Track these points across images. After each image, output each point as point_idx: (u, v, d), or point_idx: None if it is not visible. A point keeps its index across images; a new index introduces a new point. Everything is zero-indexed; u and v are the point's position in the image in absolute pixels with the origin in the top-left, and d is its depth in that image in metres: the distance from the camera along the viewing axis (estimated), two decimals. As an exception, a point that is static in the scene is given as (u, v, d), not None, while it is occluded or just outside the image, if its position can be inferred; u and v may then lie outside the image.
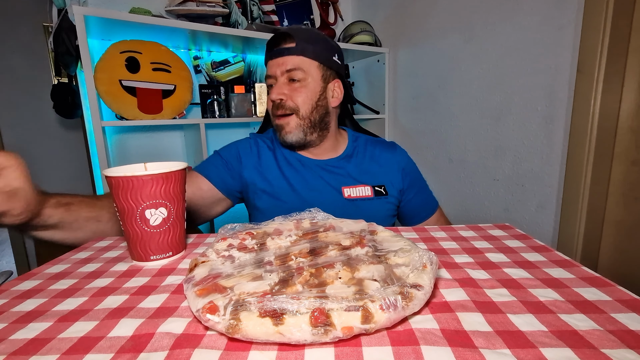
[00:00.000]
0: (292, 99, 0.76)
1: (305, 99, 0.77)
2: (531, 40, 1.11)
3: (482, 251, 0.48)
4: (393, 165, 0.85)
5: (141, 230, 0.47)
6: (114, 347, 0.29)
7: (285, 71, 0.76)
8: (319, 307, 0.29)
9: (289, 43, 0.76)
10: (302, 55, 0.76)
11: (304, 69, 0.76)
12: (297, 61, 0.76)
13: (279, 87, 0.76)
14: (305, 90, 0.77)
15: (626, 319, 0.31)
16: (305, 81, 0.77)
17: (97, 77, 1.17)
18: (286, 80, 0.77)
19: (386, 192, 0.81)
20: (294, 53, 0.75)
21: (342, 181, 0.81)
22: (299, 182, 0.80)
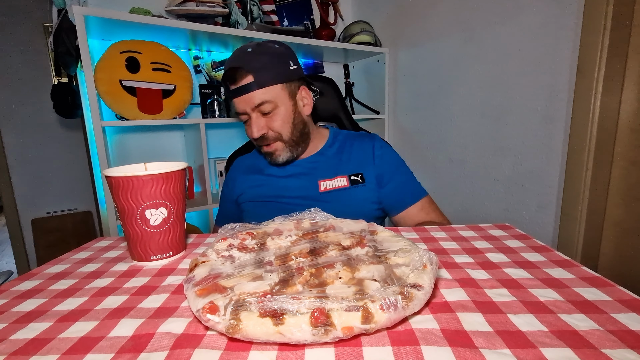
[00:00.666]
0: (271, 129, 0.78)
1: (282, 124, 0.78)
2: (531, 40, 1.11)
3: (482, 251, 0.48)
4: (368, 153, 0.84)
5: (141, 230, 0.47)
6: (114, 347, 0.29)
7: (255, 107, 0.76)
8: (319, 307, 0.29)
9: (245, 78, 0.74)
10: (263, 87, 0.75)
11: (270, 100, 0.76)
12: (261, 95, 0.75)
13: (255, 124, 0.77)
14: (280, 117, 0.78)
15: (626, 319, 0.31)
16: (277, 109, 0.77)
17: (97, 77, 1.17)
18: (259, 114, 0.77)
19: (363, 180, 0.81)
20: (255, 88, 0.74)
21: (319, 175, 0.83)
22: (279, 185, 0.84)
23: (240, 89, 0.75)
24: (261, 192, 0.85)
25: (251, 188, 0.87)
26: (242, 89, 0.75)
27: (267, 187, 0.85)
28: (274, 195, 0.84)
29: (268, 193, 0.85)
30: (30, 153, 2.24)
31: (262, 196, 0.85)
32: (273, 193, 0.84)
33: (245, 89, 0.75)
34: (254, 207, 0.86)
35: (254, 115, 0.77)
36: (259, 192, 0.86)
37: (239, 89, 0.75)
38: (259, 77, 0.74)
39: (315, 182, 0.82)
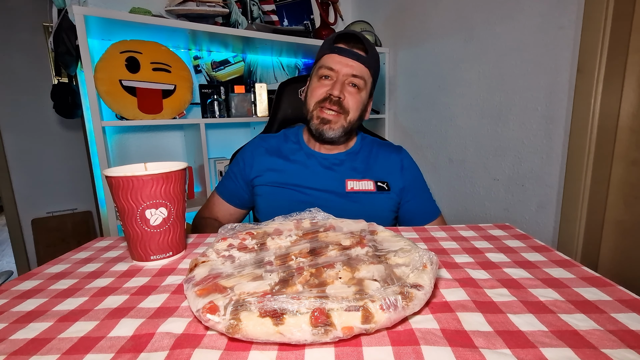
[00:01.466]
0: (347, 101, 0.79)
1: (357, 105, 0.80)
2: (531, 40, 1.11)
3: (482, 251, 0.48)
4: (396, 164, 0.86)
5: (141, 230, 0.47)
6: (114, 347, 0.29)
7: (351, 74, 0.77)
8: (319, 307, 0.29)
9: (361, 50, 0.78)
10: (368, 68, 0.79)
11: (365, 80, 0.79)
12: (363, 71, 0.78)
13: (340, 85, 0.77)
14: (359, 98, 0.80)
15: (626, 319, 0.31)
16: (362, 91, 0.80)
17: (97, 77, 1.17)
18: (347, 82, 0.78)
19: (389, 188, 0.82)
20: (365, 63, 0.78)
21: (346, 174, 0.82)
22: (304, 174, 0.82)
23: (355, 54, 0.77)
24: (283, 178, 0.82)
25: (272, 171, 0.83)
26: (356, 55, 0.77)
27: (291, 174, 0.82)
28: (296, 185, 0.81)
29: (291, 180, 0.81)
30: (30, 153, 2.24)
31: (283, 183, 0.81)
32: (296, 182, 0.81)
33: (357, 55, 0.77)
34: (272, 192, 0.82)
35: (341, 78, 0.78)
36: (281, 178, 0.82)
37: (354, 53, 0.77)
38: (370, 59, 0.79)
39: (342, 180, 0.81)
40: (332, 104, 0.78)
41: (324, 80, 0.79)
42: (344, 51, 0.77)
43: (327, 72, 0.79)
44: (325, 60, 0.79)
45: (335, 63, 0.78)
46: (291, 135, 0.90)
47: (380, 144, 0.91)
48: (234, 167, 0.88)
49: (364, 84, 0.79)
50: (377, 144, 0.91)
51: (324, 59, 0.80)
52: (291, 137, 0.89)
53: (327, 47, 0.80)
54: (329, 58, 0.79)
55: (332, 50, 0.79)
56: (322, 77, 0.80)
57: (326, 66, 0.78)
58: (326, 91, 0.78)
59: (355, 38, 0.78)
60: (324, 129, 0.79)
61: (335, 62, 0.78)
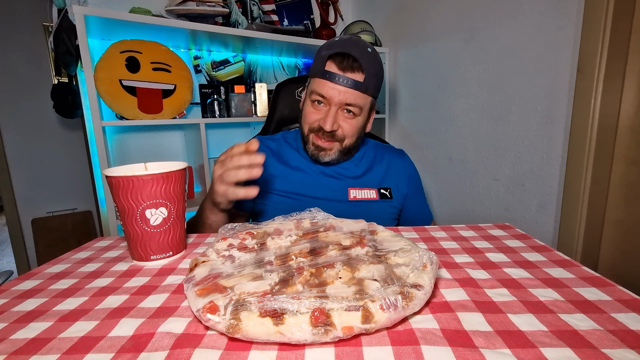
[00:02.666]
0: (342, 129, 0.75)
1: (354, 131, 0.76)
2: (531, 40, 1.11)
3: (482, 251, 0.48)
4: (401, 171, 0.86)
5: (141, 230, 0.47)
6: (115, 347, 0.29)
7: (344, 104, 0.72)
8: (319, 307, 0.29)
9: (357, 72, 0.71)
10: (365, 93, 0.73)
11: (361, 106, 0.74)
12: (358, 97, 0.72)
13: (332, 117, 0.72)
14: (356, 124, 0.76)
15: (626, 318, 0.31)
16: (358, 117, 0.75)
17: (97, 77, 1.17)
18: (340, 110, 0.73)
19: (391, 196, 0.82)
20: (360, 89, 0.71)
21: (349, 183, 0.81)
22: (306, 182, 0.80)
23: (346, 80, 0.70)
24: (286, 186, 0.80)
25: (273, 177, 0.80)
26: (347, 80, 0.70)
27: (293, 182, 0.80)
28: (299, 194, 0.79)
29: (294, 189, 0.79)
30: (30, 153, 2.24)
31: (287, 192, 0.79)
32: (299, 190, 0.79)
33: (351, 83, 0.70)
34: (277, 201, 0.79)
35: (333, 109, 0.72)
36: (284, 186, 0.80)
37: (345, 79, 0.70)
38: (368, 81, 0.72)
39: (345, 188, 0.80)
40: (325, 135, 0.75)
41: (317, 105, 0.74)
42: (336, 77, 0.70)
43: (318, 97, 0.73)
44: (316, 86, 0.73)
45: (327, 90, 0.71)
46: (290, 140, 0.87)
47: (383, 149, 0.90)
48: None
49: (360, 110, 0.74)
50: (380, 148, 0.90)
51: (315, 84, 0.73)
52: (291, 141, 0.87)
53: (319, 66, 0.73)
54: (320, 84, 0.72)
55: (323, 75, 0.71)
56: (314, 101, 0.74)
57: (317, 92, 0.73)
58: (318, 121, 0.74)
59: (352, 59, 0.70)
60: (320, 155, 0.78)
61: (327, 89, 0.71)
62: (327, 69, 0.71)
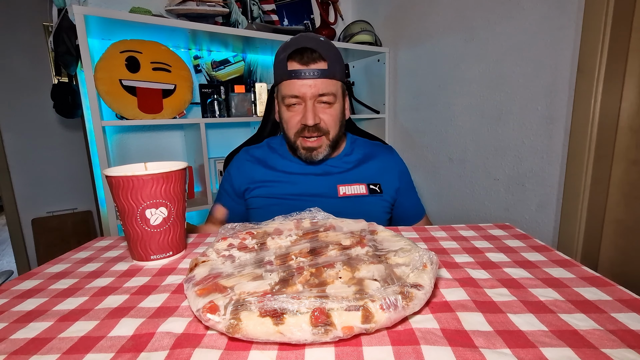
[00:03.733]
0: (324, 122, 0.75)
1: (335, 120, 0.77)
2: (531, 39, 1.11)
3: (482, 251, 0.48)
4: (391, 167, 0.86)
5: (141, 229, 0.47)
6: (115, 347, 0.29)
7: (319, 95, 0.72)
8: (320, 307, 0.29)
9: (318, 63, 0.71)
10: (333, 79, 0.73)
11: (334, 93, 0.74)
12: (329, 84, 0.73)
13: (312, 111, 0.73)
14: (334, 112, 0.76)
15: (626, 318, 0.31)
16: (334, 105, 0.75)
17: (97, 77, 1.17)
18: (316, 103, 0.74)
19: (381, 191, 0.82)
20: (327, 76, 0.72)
21: (338, 179, 0.82)
22: (295, 182, 0.81)
23: (311, 72, 0.70)
24: (274, 189, 0.81)
25: (262, 183, 0.82)
26: (312, 72, 0.70)
27: (282, 185, 0.81)
28: (288, 194, 0.80)
29: (282, 191, 0.80)
30: (30, 153, 2.24)
31: (275, 194, 0.81)
32: (288, 191, 0.80)
33: (317, 73, 0.70)
34: (265, 204, 0.81)
35: (309, 103, 0.73)
36: (272, 190, 0.81)
37: (309, 72, 0.70)
38: (332, 67, 0.72)
39: (334, 185, 0.80)
40: (310, 132, 0.75)
41: (293, 107, 0.75)
42: (301, 73, 0.71)
43: (293, 100, 0.74)
44: (285, 89, 0.74)
45: (298, 88, 0.72)
46: (276, 146, 0.88)
47: (372, 146, 0.90)
48: (225, 184, 0.88)
49: (334, 97, 0.74)
50: (369, 145, 0.90)
51: (284, 87, 0.74)
52: (276, 147, 0.88)
53: (282, 70, 0.73)
54: (289, 85, 0.73)
55: (289, 76, 0.72)
56: (289, 105, 0.75)
57: (289, 95, 0.73)
58: (299, 121, 0.75)
59: (310, 51, 0.71)
60: (312, 155, 0.78)
61: (297, 87, 0.72)
62: (290, 69, 0.72)
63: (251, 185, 0.83)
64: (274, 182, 0.82)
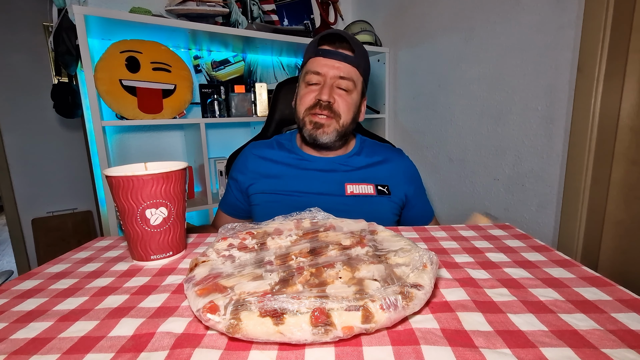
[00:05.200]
0: (338, 104, 0.77)
1: (348, 108, 0.78)
2: (531, 39, 1.11)
3: (482, 251, 0.48)
4: (400, 170, 0.85)
5: (141, 229, 0.47)
6: (115, 347, 0.29)
7: (339, 77, 0.75)
8: (320, 307, 0.29)
9: (347, 50, 0.76)
10: (357, 68, 0.77)
11: (354, 81, 0.77)
12: (351, 71, 0.76)
13: (329, 89, 0.75)
14: (350, 100, 0.78)
15: (626, 318, 0.31)
16: (352, 92, 0.78)
17: (97, 77, 1.17)
18: (335, 85, 0.76)
19: (389, 192, 0.81)
20: (352, 63, 0.75)
21: (346, 178, 0.81)
22: (302, 178, 0.80)
23: (337, 53, 0.75)
24: (280, 184, 0.80)
25: (267, 178, 0.81)
26: (339, 54, 0.75)
27: (287, 180, 0.80)
28: (294, 190, 0.79)
29: (288, 187, 0.79)
30: (30, 153, 2.24)
31: (280, 190, 0.79)
32: (294, 187, 0.79)
33: (343, 56, 0.75)
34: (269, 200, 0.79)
35: (329, 82, 0.75)
36: (277, 185, 0.80)
37: (339, 54, 0.75)
38: (358, 58, 0.76)
39: (342, 183, 0.80)
40: (322, 109, 0.76)
41: (311, 86, 0.77)
42: (329, 53, 0.75)
43: (314, 78, 0.76)
44: (310, 65, 0.77)
45: (321, 66, 0.75)
46: (284, 142, 0.88)
47: (381, 147, 0.90)
48: (230, 180, 0.88)
49: (354, 85, 0.77)
50: (378, 146, 0.90)
51: (309, 64, 0.78)
52: (284, 143, 0.87)
53: (311, 50, 0.78)
54: (314, 62, 0.77)
55: (316, 53, 0.76)
56: (309, 83, 0.77)
57: (312, 71, 0.76)
58: (315, 97, 0.76)
59: (340, 37, 0.76)
60: (318, 133, 0.77)
61: (321, 65, 0.75)
62: (319, 47, 0.76)
63: (256, 180, 0.82)
64: (279, 177, 0.81)
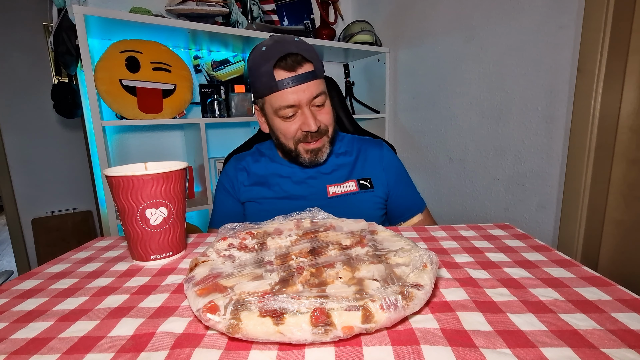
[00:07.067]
0: (322, 122, 0.74)
1: (330, 118, 0.76)
2: (531, 39, 1.11)
3: (482, 251, 0.48)
4: (378, 161, 0.84)
5: (141, 229, 0.47)
6: (115, 347, 0.29)
7: (313, 97, 0.71)
8: (320, 307, 0.29)
9: (305, 66, 0.69)
10: (321, 78, 0.73)
11: (324, 91, 0.73)
12: (319, 84, 0.72)
13: (311, 117, 0.71)
14: (329, 111, 0.75)
15: (626, 318, 0.31)
16: (326, 102, 0.75)
17: (97, 77, 1.17)
18: (311, 107, 0.72)
19: (372, 186, 0.81)
20: (316, 76, 0.71)
21: (326, 179, 0.81)
22: (283, 186, 0.81)
23: (301, 77, 0.69)
24: (263, 193, 0.82)
25: (254, 187, 0.83)
26: (302, 77, 0.69)
27: (271, 188, 0.81)
28: (277, 197, 0.80)
29: (271, 194, 0.81)
30: (30, 153, 2.24)
31: (267, 197, 0.81)
32: (277, 194, 0.81)
33: (306, 76, 0.69)
34: (257, 208, 0.81)
35: (306, 110, 0.71)
36: (261, 194, 0.82)
37: (299, 77, 0.68)
38: (317, 66, 0.71)
39: (323, 186, 0.80)
40: (314, 137, 0.74)
41: (289, 119, 0.73)
42: (292, 80, 0.68)
43: (289, 111, 0.71)
44: (278, 101, 0.71)
45: (291, 97, 0.69)
46: (265, 150, 0.88)
47: (360, 141, 0.89)
48: (220, 195, 0.87)
49: (325, 95, 0.73)
50: (357, 140, 0.89)
51: (275, 99, 0.71)
52: (266, 152, 0.88)
53: (268, 83, 0.70)
54: (281, 97, 0.70)
55: (279, 87, 0.69)
56: (285, 117, 0.73)
57: (284, 106, 0.70)
58: (299, 129, 0.73)
59: (293, 55, 0.68)
60: (317, 157, 0.77)
61: (291, 97, 0.69)
62: (278, 79, 0.69)
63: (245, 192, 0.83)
64: (262, 186, 0.82)
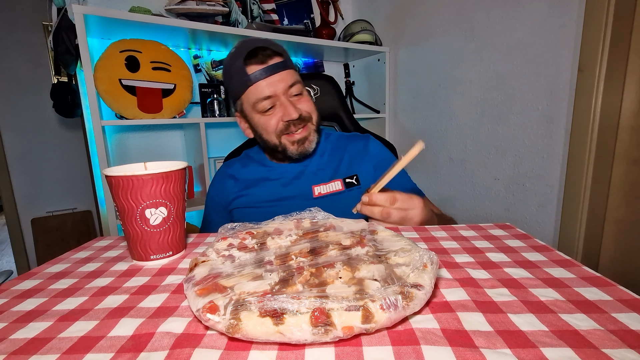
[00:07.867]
0: (304, 110, 0.75)
1: (312, 107, 0.77)
2: (532, 39, 1.11)
3: (482, 251, 0.48)
4: (363, 153, 0.84)
5: (141, 229, 0.47)
6: (114, 347, 0.29)
7: (288, 87, 0.72)
8: (320, 307, 0.29)
9: (274, 58, 0.71)
10: (293, 69, 0.74)
11: (299, 81, 0.75)
12: (293, 74, 0.74)
13: (291, 104, 0.72)
14: (308, 99, 0.77)
15: (627, 318, 0.31)
16: (304, 92, 0.76)
17: (96, 77, 1.17)
18: (288, 97, 0.73)
19: (358, 182, 0.80)
20: (287, 66, 0.73)
21: (312, 180, 0.80)
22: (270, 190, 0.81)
23: (272, 67, 0.70)
24: (254, 198, 0.82)
25: (243, 193, 0.83)
26: (273, 67, 0.70)
27: (258, 192, 0.81)
28: (264, 201, 0.80)
29: (258, 199, 0.81)
30: (30, 152, 2.24)
31: (252, 203, 0.81)
32: (264, 198, 0.81)
33: (277, 66, 0.71)
34: (246, 213, 0.81)
35: (283, 99, 0.72)
36: (249, 199, 0.82)
37: (271, 67, 0.70)
38: (287, 59, 0.74)
39: (308, 186, 0.79)
40: (297, 125, 0.74)
41: (267, 112, 0.73)
42: (265, 72, 0.70)
43: (267, 103, 0.72)
44: (254, 94, 0.72)
45: (267, 89, 0.71)
46: (254, 155, 0.89)
47: (346, 138, 0.88)
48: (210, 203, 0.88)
49: (301, 85, 0.75)
50: (343, 138, 0.88)
51: (251, 94, 0.72)
52: (254, 157, 0.88)
53: (242, 78, 0.71)
54: (256, 89, 0.71)
55: (252, 80, 0.70)
56: (264, 111, 0.73)
57: (261, 98, 0.71)
58: (281, 120, 0.73)
59: (262, 49, 0.71)
60: (305, 147, 0.77)
61: (267, 88, 0.71)
62: (251, 73, 0.71)
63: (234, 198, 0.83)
64: (250, 191, 0.82)
